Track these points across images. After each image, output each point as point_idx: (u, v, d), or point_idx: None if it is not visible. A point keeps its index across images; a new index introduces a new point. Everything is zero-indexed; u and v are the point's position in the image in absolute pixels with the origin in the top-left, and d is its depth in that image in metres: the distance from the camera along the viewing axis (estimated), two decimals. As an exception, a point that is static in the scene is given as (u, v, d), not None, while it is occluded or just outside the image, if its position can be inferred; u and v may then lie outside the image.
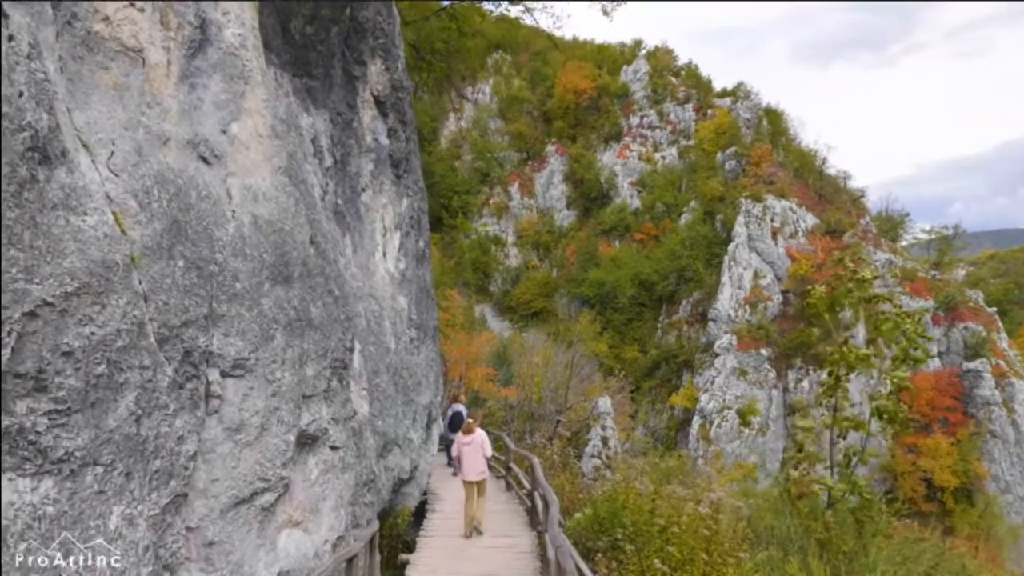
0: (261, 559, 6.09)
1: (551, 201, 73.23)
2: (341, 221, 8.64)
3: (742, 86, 73.06)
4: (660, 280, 57.90)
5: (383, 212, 9.74)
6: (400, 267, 10.18)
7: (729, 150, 62.97)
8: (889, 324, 7.51)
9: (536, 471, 10.09)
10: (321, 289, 6.88)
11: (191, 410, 5.30)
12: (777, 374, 51.91)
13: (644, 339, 57.79)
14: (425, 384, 11.20)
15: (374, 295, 9.19)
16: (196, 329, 5.33)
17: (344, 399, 7.06)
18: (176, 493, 5.11)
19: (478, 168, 75.57)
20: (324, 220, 7.71)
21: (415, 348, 10.59)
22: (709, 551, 7.30)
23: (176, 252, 5.23)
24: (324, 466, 6.69)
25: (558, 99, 76.02)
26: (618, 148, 72.28)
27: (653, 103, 75.07)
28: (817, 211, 58.95)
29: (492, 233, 71.89)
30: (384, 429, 8.67)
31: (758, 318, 52.44)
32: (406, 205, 10.51)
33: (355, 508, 7.30)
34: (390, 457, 9.04)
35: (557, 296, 63.78)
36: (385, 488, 8.76)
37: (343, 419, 7.01)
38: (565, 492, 12.56)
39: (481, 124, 78.85)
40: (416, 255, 11.00)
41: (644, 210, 65.60)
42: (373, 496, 7.98)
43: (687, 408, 49.36)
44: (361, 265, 9.01)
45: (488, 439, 11.73)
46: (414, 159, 11.08)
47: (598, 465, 20.33)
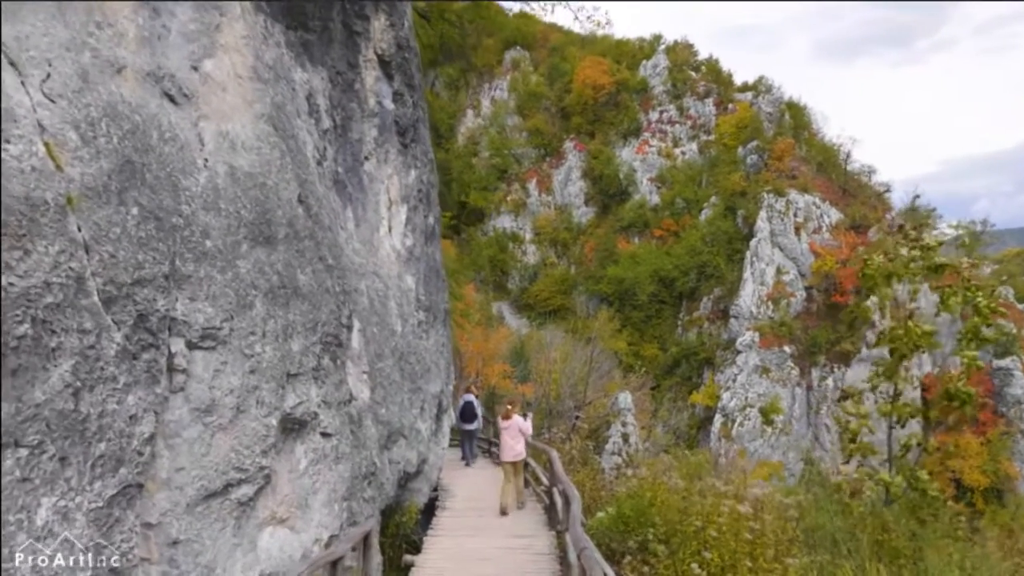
0: (238, 560, 5.27)
1: (569, 198, 72.37)
2: (342, 191, 7.83)
3: (763, 80, 71.51)
4: (680, 276, 56.81)
5: (388, 183, 8.90)
6: (407, 244, 9.33)
7: (751, 144, 61.64)
8: (957, 298, 6.52)
9: (555, 465, 9.22)
10: (311, 254, 6.06)
11: (148, 385, 4.48)
12: (801, 372, 50.77)
13: (664, 336, 56.78)
14: (435, 371, 10.34)
15: (378, 273, 8.35)
16: (154, 290, 4.51)
17: (338, 380, 6.25)
18: (127, 483, 4.30)
19: (496, 165, 74.88)
20: (319, 184, 6.90)
21: (423, 332, 9.73)
22: (754, 556, 6.36)
23: (129, 198, 4.41)
24: (314, 455, 5.87)
25: (576, 95, 75.05)
26: (637, 144, 71.18)
27: (673, 98, 73.87)
28: (841, 206, 57.56)
29: (510, 230, 71.24)
30: (388, 418, 7.84)
31: (781, 315, 51.26)
32: (414, 177, 9.65)
33: (352, 503, 6.48)
34: (395, 449, 8.20)
35: (575, 293, 62.91)
36: (389, 483, 7.92)
37: (337, 403, 6.20)
38: (586, 489, 11.66)
39: (499, 121, 78.08)
40: (425, 232, 10.14)
41: (663, 206, 64.43)
42: (374, 491, 7.16)
43: (708, 406, 48.33)
44: (364, 240, 8.19)
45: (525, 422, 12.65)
46: (423, 128, 10.22)
47: (618, 463, 19.47)
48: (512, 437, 12.19)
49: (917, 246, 7.08)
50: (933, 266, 7.12)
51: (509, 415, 12.46)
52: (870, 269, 7.33)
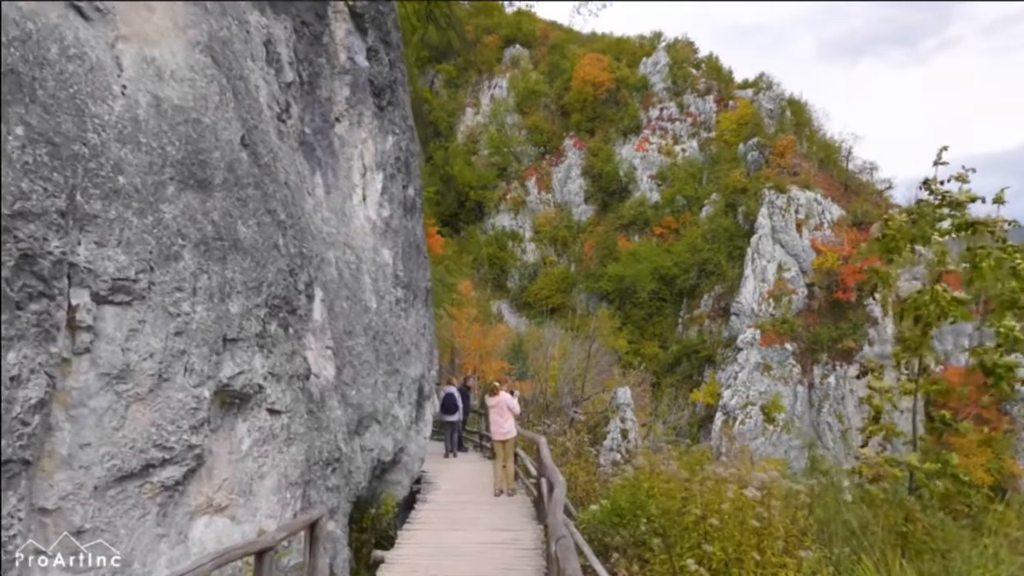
0: (163, 554, 4.52)
1: (569, 196, 71.81)
2: (310, 154, 7.08)
3: (764, 77, 71.08)
4: (681, 274, 56.16)
5: (362, 148, 8.14)
6: (383, 215, 8.56)
7: (751, 141, 61.01)
8: (990, 261, 5.75)
9: (542, 451, 8.44)
10: (256, 205, 5.31)
11: (38, 342, 3.74)
12: (802, 370, 50.13)
13: (664, 334, 56.13)
14: (415, 354, 9.55)
15: (350, 244, 7.60)
16: (44, 226, 3.76)
17: (290, 351, 5.49)
18: (7, 458, 3.56)
19: (495, 163, 74.37)
20: (273, 134, 6.15)
21: (402, 311, 8.96)
22: (761, 548, 5.58)
23: (12, 115, 3.67)
24: (259, 435, 5.12)
25: (576, 92, 74.54)
26: (637, 141, 70.66)
27: (673, 95, 73.33)
28: (843, 202, 56.93)
29: (509, 228, 70.77)
30: (359, 400, 7.08)
31: (782, 312, 50.59)
32: (391, 143, 8.88)
33: (309, 492, 5.72)
34: (367, 435, 7.42)
35: (575, 292, 62.26)
36: (360, 472, 7.15)
37: (289, 376, 5.44)
38: (579, 481, 10.88)
39: (498, 119, 77.55)
40: (404, 203, 9.37)
41: (664, 203, 63.87)
42: (340, 479, 6.39)
43: (709, 404, 47.61)
44: (335, 209, 7.44)
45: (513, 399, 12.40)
46: (401, 92, 9.44)
47: (616, 460, 18.76)
48: (500, 415, 11.96)
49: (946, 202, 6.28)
50: (964, 223, 6.33)
51: (497, 391, 12.29)
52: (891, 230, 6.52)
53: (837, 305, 50.19)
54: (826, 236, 53.79)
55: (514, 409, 12.25)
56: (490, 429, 12.53)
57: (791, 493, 5.98)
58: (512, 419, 12.17)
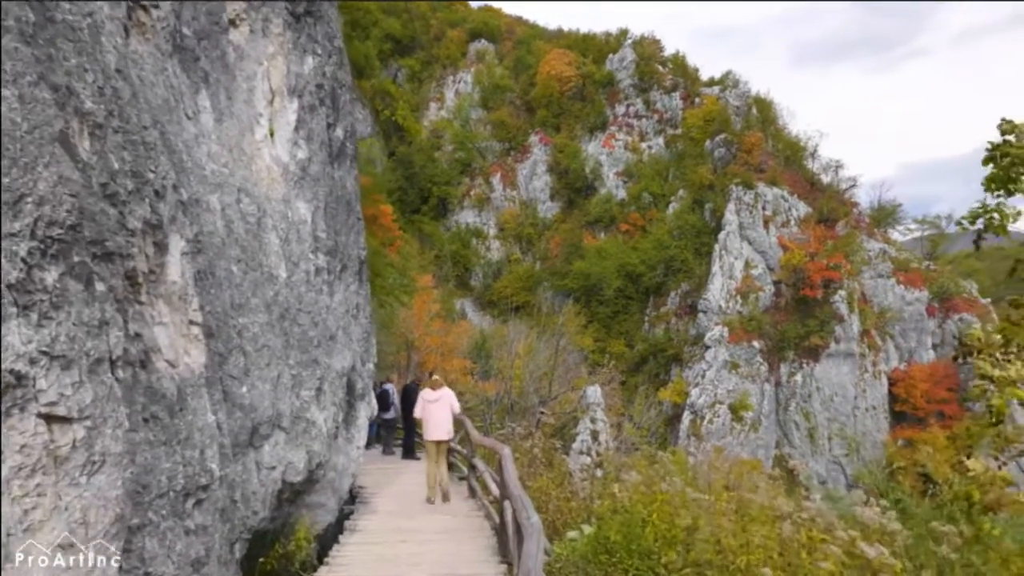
0: None
1: (534, 192, 70.91)
2: (190, 66, 5.27)
3: (730, 75, 70.73)
4: (647, 271, 55.46)
5: (269, 66, 6.30)
6: (299, 156, 6.68)
7: (718, 137, 60.67)
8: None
9: (506, 469, 6.68)
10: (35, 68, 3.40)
11: None
12: (770, 367, 49.73)
13: (631, 333, 55.40)
14: (343, 340, 7.64)
15: (248, 190, 5.76)
16: None
17: (96, 320, 3.55)
18: None
19: (459, 159, 73.13)
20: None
21: (324, 284, 7.06)
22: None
23: None
24: (24, 459, 3.22)
25: (541, 87, 73.75)
26: (603, 137, 70.06)
27: (639, 92, 72.88)
28: (809, 200, 56.97)
29: (473, 225, 69.62)
30: (254, 401, 5.27)
31: (750, 309, 50.10)
32: (311, 66, 7.02)
33: (141, 541, 3.76)
34: (267, 448, 5.57)
35: (540, 290, 61.15)
36: (257, 498, 5.34)
37: (92, 361, 3.55)
38: (551, 499, 9.11)
39: (462, 114, 76.21)
40: (328, 146, 7.48)
41: (630, 200, 63.28)
42: (210, 515, 4.42)
43: (676, 403, 46.81)
44: (229, 143, 5.63)
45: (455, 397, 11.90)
46: (327, 5, 7.60)
47: (586, 464, 17.25)
48: (441, 411, 11.42)
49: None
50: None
51: (440, 385, 11.73)
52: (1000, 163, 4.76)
53: (804, 302, 49.92)
54: (793, 233, 53.60)
55: (455, 408, 11.77)
56: (426, 428, 11.68)
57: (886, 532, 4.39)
58: (452, 419, 11.69)
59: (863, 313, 50.02)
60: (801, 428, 49.18)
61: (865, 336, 50.20)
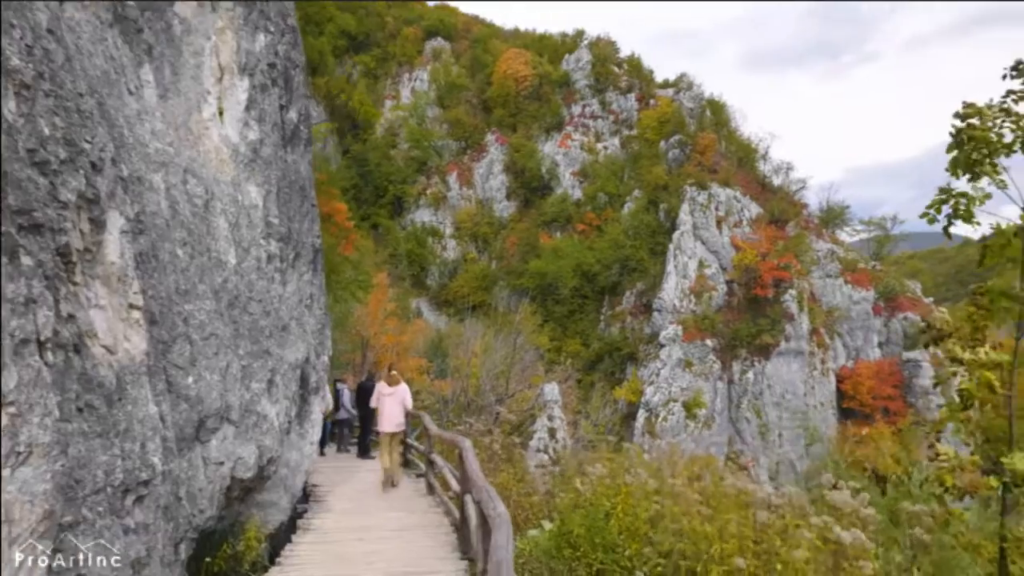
0: None
1: (491, 191, 70.80)
2: (133, 37, 4.92)
3: (684, 77, 71.87)
4: (603, 271, 55.87)
5: (218, 41, 5.95)
6: (250, 138, 6.34)
7: (673, 138, 61.60)
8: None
9: (468, 461, 6.48)
10: None
11: None
12: (722, 365, 50.59)
13: (587, 332, 55.73)
14: (296, 331, 7.30)
15: (195, 171, 5.42)
16: None
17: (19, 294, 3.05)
18: None
19: (415, 157, 72.40)
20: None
21: (277, 272, 6.71)
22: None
23: None
24: None
25: (498, 86, 73.66)
26: (559, 138, 70.43)
27: (595, 92, 73.51)
28: (761, 201, 58.19)
29: (429, 224, 69.10)
30: (201, 392, 4.95)
31: (703, 308, 50.92)
32: (263, 44, 6.68)
33: (73, 541, 3.50)
34: (214, 442, 5.24)
35: (496, 289, 61.03)
36: (204, 496, 5.02)
37: (18, 342, 3.20)
38: (511, 495, 8.95)
39: (419, 112, 75.52)
40: (281, 128, 7.13)
41: (586, 200, 63.75)
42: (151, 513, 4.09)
43: (631, 402, 47.19)
44: (175, 121, 5.29)
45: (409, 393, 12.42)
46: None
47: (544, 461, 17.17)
48: (394, 405, 11.95)
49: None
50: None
51: (397, 380, 12.19)
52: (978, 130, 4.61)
53: (755, 301, 50.91)
54: (745, 233, 54.61)
55: (407, 403, 12.23)
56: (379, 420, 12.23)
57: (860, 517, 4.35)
58: (405, 413, 12.19)
59: (812, 312, 51.28)
60: (752, 425, 50.10)
61: (814, 334, 51.47)
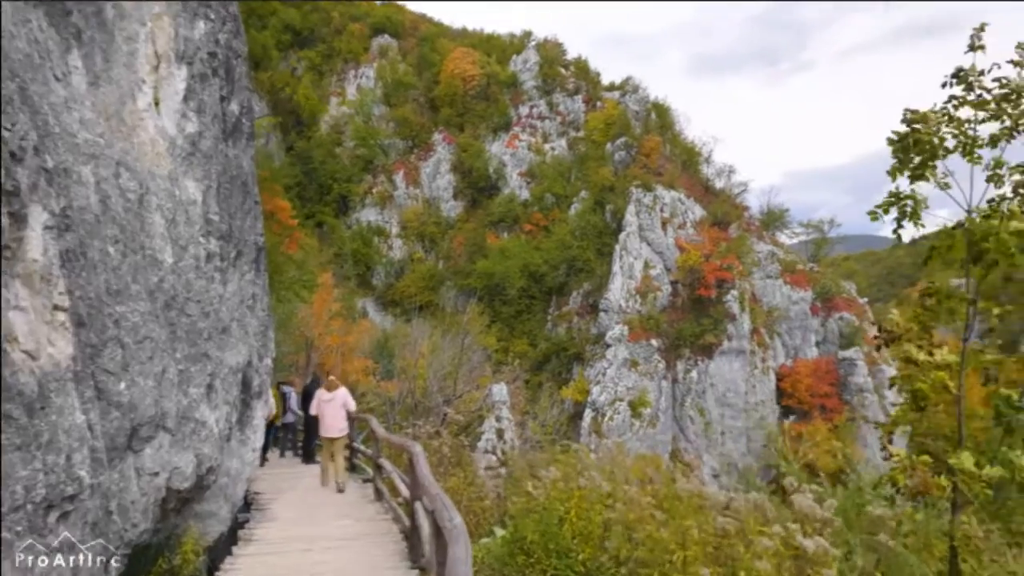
0: None
1: (438, 191, 70.33)
2: (61, 20, 4.57)
3: (630, 80, 72.84)
4: (550, 271, 56.13)
5: (154, 27, 5.60)
6: (188, 130, 5.99)
7: (619, 140, 62.39)
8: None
9: (418, 465, 6.31)
10: None
11: None
12: (667, 365, 51.41)
13: (534, 332, 55.91)
14: (237, 333, 6.96)
15: (128, 164, 5.08)
16: None
17: None
18: None
19: (361, 155, 71.23)
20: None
21: (217, 271, 6.37)
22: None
23: None
24: None
25: (445, 86, 73.20)
26: (507, 138, 70.51)
27: (543, 93, 73.91)
28: (704, 203, 59.45)
29: (375, 223, 68.13)
30: (134, 399, 4.63)
31: (648, 308, 51.68)
32: (203, 31, 6.33)
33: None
34: (148, 451, 4.91)
35: (444, 289, 60.67)
36: (138, 508, 4.70)
37: None
38: (463, 499, 8.79)
39: (365, 109, 74.32)
40: (222, 120, 6.78)
41: (533, 201, 63.97)
42: (80, 528, 3.76)
43: (578, 401, 47.53)
44: (106, 111, 4.93)
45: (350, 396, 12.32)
46: None
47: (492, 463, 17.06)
48: (337, 410, 11.89)
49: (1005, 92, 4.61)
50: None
51: (335, 385, 12.14)
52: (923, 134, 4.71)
53: (699, 301, 51.91)
54: (689, 235, 55.66)
55: (350, 407, 12.14)
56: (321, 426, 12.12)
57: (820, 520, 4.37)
58: (347, 417, 12.07)
59: (753, 312, 52.60)
60: (696, 423, 51.06)
61: (755, 334, 52.79)
